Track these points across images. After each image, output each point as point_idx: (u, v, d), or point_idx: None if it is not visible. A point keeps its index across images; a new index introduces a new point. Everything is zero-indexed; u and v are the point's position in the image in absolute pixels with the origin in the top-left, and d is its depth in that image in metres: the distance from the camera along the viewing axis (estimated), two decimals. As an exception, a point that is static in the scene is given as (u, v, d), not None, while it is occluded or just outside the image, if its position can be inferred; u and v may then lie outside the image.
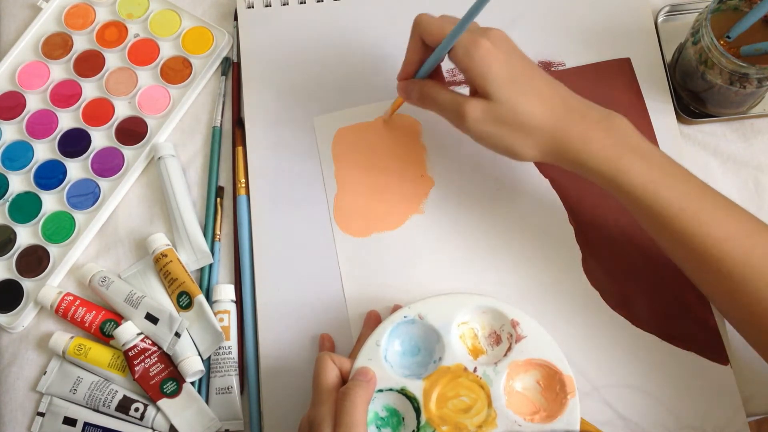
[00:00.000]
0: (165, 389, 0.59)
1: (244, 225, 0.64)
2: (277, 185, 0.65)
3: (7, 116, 0.68)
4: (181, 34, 0.70)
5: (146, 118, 0.68)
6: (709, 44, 0.58)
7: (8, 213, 0.65)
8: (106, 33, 0.71)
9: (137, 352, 0.59)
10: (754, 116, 0.65)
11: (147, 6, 0.72)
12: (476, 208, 0.63)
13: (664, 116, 0.65)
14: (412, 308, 0.54)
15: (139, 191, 0.67)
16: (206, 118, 0.69)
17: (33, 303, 0.63)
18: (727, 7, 0.60)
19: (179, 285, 0.61)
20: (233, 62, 0.70)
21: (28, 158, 0.67)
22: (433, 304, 0.54)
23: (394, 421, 0.53)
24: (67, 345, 0.60)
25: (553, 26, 0.68)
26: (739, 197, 0.63)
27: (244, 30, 0.70)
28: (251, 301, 0.62)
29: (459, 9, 0.70)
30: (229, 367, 0.60)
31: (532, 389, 0.54)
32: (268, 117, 0.67)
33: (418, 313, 0.54)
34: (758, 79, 0.59)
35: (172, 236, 0.64)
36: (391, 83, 0.60)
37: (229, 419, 0.59)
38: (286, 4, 0.71)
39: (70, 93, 0.69)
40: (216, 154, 0.67)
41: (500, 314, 0.54)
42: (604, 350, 0.59)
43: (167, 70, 0.69)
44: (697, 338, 0.59)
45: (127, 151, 0.67)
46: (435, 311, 0.54)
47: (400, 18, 0.69)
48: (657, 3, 0.69)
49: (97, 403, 0.59)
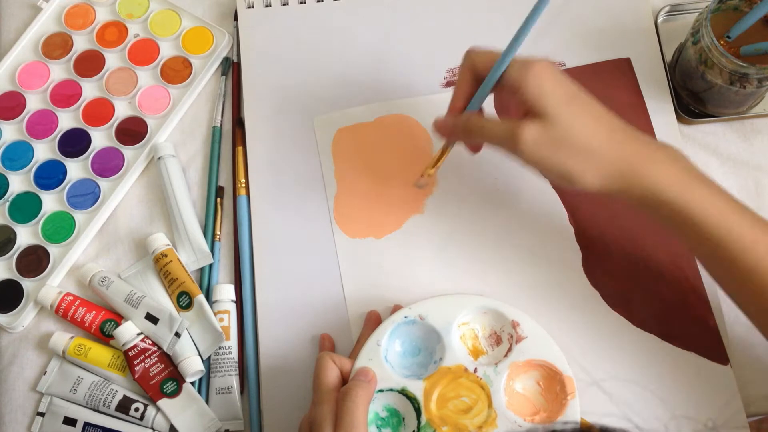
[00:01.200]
0: (165, 389, 0.59)
1: (244, 225, 0.64)
2: (277, 185, 0.65)
3: (7, 116, 0.68)
4: (181, 34, 0.70)
5: (146, 118, 0.68)
6: (709, 44, 0.58)
7: (8, 213, 0.65)
8: (106, 33, 0.71)
9: (137, 352, 0.59)
10: (754, 116, 0.65)
11: (147, 6, 0.71)
12: (477, 209, 0.63)
13: (664, 116, 0.65)
14: (412, 309, 0.54)
15: (139, 191, 0.67)
16: (206, 118, 0.69)
17: (33, 303, 0.63)
18: (727, 7, 0.60)
19: (179, 285, 0.61)
20: (233, 62, 0.70)
21: (28, 158, 0.67)
22: (434, 304, 0.54)
23: (394, 422, 0.53)
24: (67, 345, 0.60)
25: (553, 26, 0.68)
26: (738, 197, 0.62)
27: (244, 30, 0.70)
28: (251, 301, 0.62)
29: (462, 10, 0.70)
30: (229, 367, 0.60)
31: (533, 390, 0.54)
32: (268, 117, 0.67)
33: (419, 313, 0.54)
34: (758, 79, 0.59)
35: (172, 236, 0.64)
36: (391, 83, 0.60)
37: (229, 419, 0.59)
38: (286, 4, 0.71)
39: (70, 93, 0.69)
40: (216, 154, 0.67)
41: (501, 315, 0.54)
42: (604, 350, 0.59)
43: (167, 70, 0.69)
44: (697, 338, 0.59)
45: (127, 151, 0.67)
46: (436, 312, 0.54)
47: (400, 18, 0.70)
48: (657, 3, 0.69)
49: (97, 403, 0.59)
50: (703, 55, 0.60)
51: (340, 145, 0.66)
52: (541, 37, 0.68)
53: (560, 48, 0.68)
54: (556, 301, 0.60)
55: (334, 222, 0.63)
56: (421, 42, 0.68)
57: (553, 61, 0.52)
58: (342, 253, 0.62)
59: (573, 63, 0.67)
